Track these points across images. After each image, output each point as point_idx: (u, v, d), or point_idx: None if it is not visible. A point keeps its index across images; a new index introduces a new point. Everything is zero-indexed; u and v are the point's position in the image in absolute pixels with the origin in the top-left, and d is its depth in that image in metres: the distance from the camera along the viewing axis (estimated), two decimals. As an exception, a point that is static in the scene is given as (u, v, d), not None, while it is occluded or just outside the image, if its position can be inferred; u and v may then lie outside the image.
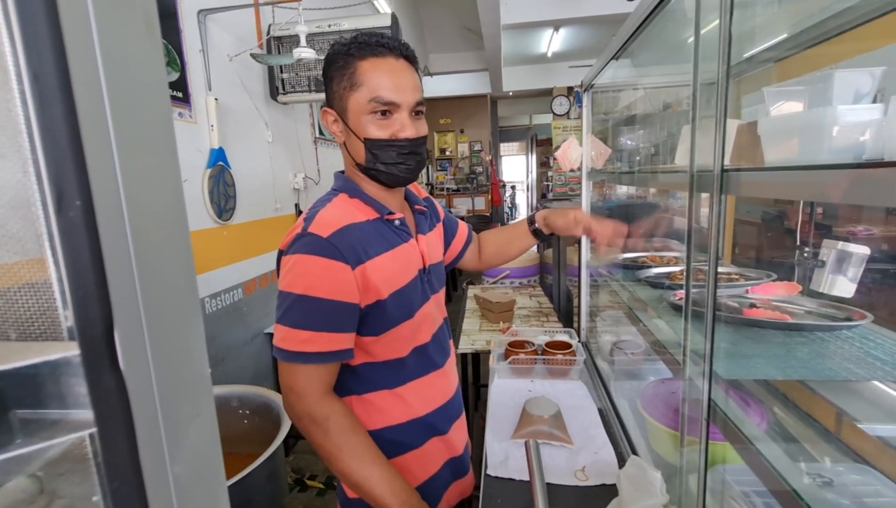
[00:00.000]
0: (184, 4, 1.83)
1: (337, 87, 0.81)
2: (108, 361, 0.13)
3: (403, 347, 0.89)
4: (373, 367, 0.87)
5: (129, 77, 0.14)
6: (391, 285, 0.82)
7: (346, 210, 0.83)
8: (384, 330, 0.84)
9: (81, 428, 0.13)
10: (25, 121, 0.14)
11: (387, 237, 0.85)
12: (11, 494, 0.18)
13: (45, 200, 0.14)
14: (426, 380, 0.93)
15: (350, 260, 0.77)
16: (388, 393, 0.89)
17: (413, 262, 0.89)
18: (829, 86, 0.67)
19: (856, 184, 0.44)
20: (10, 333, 0.13)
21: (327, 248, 0.76)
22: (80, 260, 0.13)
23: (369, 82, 0.77)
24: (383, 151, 0.80)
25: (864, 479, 0.73)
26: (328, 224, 0.78)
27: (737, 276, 1.14)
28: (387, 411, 0.89)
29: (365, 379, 0.88)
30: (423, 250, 0.93)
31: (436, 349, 0.97)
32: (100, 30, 0.13)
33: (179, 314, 0.16)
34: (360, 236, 0.80)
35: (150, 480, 0.14)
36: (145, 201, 0.14)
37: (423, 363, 0.93)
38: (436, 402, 0.95)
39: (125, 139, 0.14)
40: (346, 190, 0.86)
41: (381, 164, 0.81)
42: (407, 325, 0.87)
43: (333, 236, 0.76)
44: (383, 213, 0.86)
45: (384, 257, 0.82)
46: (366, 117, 0.79)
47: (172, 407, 0.15)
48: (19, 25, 0.12)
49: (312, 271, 0.75)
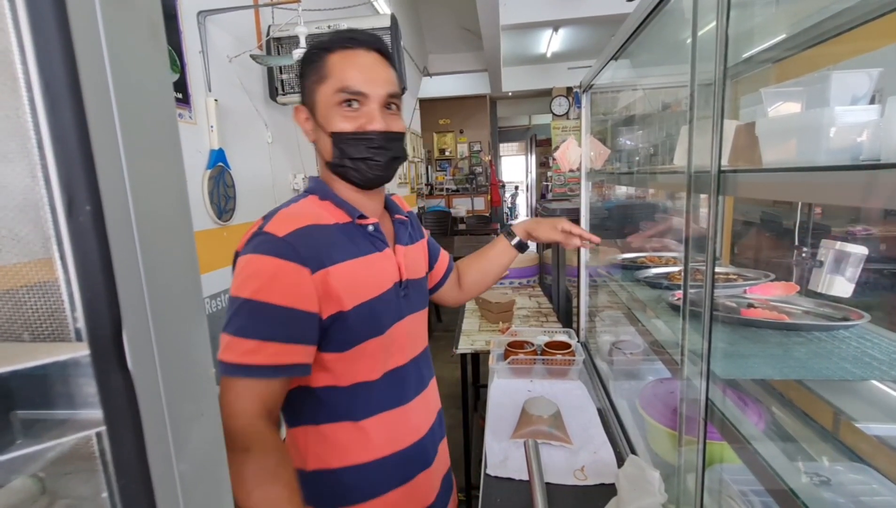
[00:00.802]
0: (183, 6, 1.83)
1: (308, 82, 0.77)
2: (116, 361, 0.14)
3: (373, 368, 0.78)
4: (337, 392, 0.76)
5: (135, 83, 0.15)
6: (356, 295, 0.74)
7: (311, 210, 0.76)
8: (349, 346, 0.74)
9: (90, 427, 0.14)
10: (34, 128, 0.14)
11: (357, 243, 0.77)
12: (14, 494, 0.19)
13: (55, 204, 0.15)
14: (398, 413, 0.81)
15: (309, 263, 0.69)
16: (352, 426, 0.77)
17: (387, 273, 0.80)
18: (827, 87, 0.67)
19: (851, 185, 0.44)
20: (24, 334, 0.14)
21: (282, 247, 0.68)
22: (90, 263, 0.13)
23: (337, 73, 0.74)
24: (351, 146, 0.75)
25: (862, 478, 0.73)
26: (287, 223, 0.71)
27: (735, 276, 1.15)
28: (347, 447, 0.77)
29: (326, 406, 0.76)
30: (400, 261, 0.83)
31: (413, 377, 0.85)
32: (108, 39, 0.13)
33: (184, 316, 0.16)
34: (325, 239, 0.73)
35: (157, 477, 0.14)
36: (152, 205, 0.15)
37: (396, 391, 0.82)
38: (405, 440, 0.82)
39: (132, 145, 0.14)
40: (318, 192, 0.80)
41: (348, 159, 0.75)
42: (376, 342, 0.77)
43: (291, 236, 0.70)
44: (354, 216, 0.78)
45: (351, 264, 0.74)
46: (333, 110, 0.74)
47: (178, 406, 0.15)
48: (31, 37, 0.12)
49: (264, 272, 0.67)
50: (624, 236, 1.82)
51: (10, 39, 0.14)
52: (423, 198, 7.91)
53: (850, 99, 0.66)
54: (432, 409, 0.92)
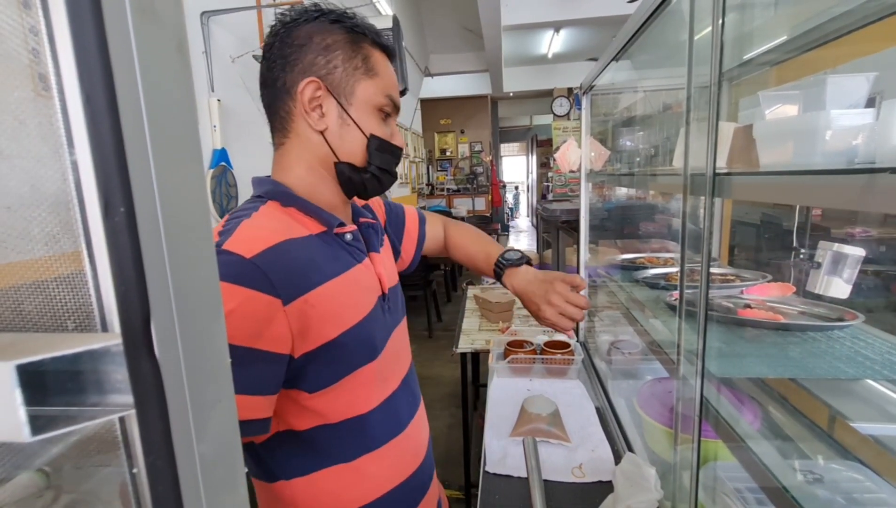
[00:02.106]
0: (187, 7, 1.84)
1: (341, 62, 0.64)
2: (145, 349, 0.15)
3: (368, 398, 0.68)
4: (328, 431, 0.65)
5: (163, 95, 0.16)
6: (343, 320, 0.63)
7: (280, 221, 0.63)
8: (338, 378, 0.64)
9: (120, 409, 0.15)
10: (69, 137, 0.16)
11: (337, 257, 0.66)
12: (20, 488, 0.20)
13: (85, 206, 0.16)
14: (396, 444, 0.72)
15: (282, 292, 0.56)
16: (345, 468, 0.67)
17: (370, 286, 0.70)
18: (823, 90, 0.68)
19: (845, 189, 0.45)
20: (68, 323, 0.15)
21: (249, 273, 0.54)
22: (124, 260, 0.14)
23: (385, 77, 0.67)
24: (384, 154, 0.68)
25: (855, 476, 0.74)
26: (255, 239, 0.57)
27: (732, 277, 1.16)
28: (340, 494, 0.67)
29: (316, 450, 0.66)
30: (379, 271, 0.74)
31: (405, 399, 0.76)
32: (140, 56, 0.15)
33: (204, 308, 0.18)
34: (302, 257, 0.60)
35: (180, 456, 0.16)
36: (176, 207, 0.16)
37: (394, 417, 0.73)
38: (406, 471, 0.74)
39: (160, 152, 0.15)
40: (278, 197, 0.65)
41: (376, 167, 0.67)
42: (370, 368, 0.67)
43: (262, 257, 0.55)
44: (332, 225, 0.66)
45: (334, 284, 0.63)
46: (373, 112, 0.66)
47: (199, 392, 0.17)
48: (74, 54, 0.14)
49: (223, 304, 0.53)
50: (624, 237, 1.83)
51: (47, 59, 0.16)
52: (424, 198, 7.92)
53: (847, 103, 0.66)
54: (425, 426, 0.83)
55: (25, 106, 0.17)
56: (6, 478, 0.19)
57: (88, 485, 0.21)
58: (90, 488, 0.21)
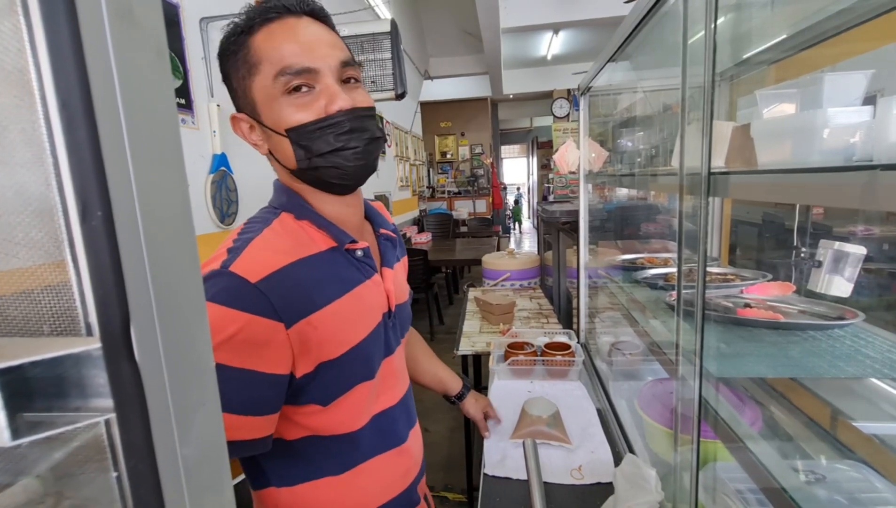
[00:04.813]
0: (186, 13, 1.85)
1: (237, 81, 0.61)
2: (125, 353, 0.15)
3: (360, 414, 0.67)
4: (318, 443, 0.65)
5: (141, 100, 0.16)
6: (344, 341, 0.62)
7: (293, 238, 0.62)
8: (334, 397, 0.63)
9: (101, 414, 0.15)
10: (49, 141, 0.16)
11: (344, 276, 0.64)
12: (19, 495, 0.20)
13: (68, 210, 0.16)
14: (386, 458, 0.71)
15: (284, 316, 0.56)
16: (334, 481, 0.66)
17: (376, 304, 0.68)
18: (820, 89, 0.67)
19: (842, 186, 0.45)
20: (47, 328, 0.15)
21: (253, 298, 0.54)
22: (102, 263, 0.15)
23: (269, 55, 0.57)
24: (317, 138, 0.59)
25: (857, 475, 0.74)
26: (263, 262, 0.57)
27: (732, 276, 1.15)
28: (326, 507, 0.67)
29: (305, 460, 0.65)
30: (388, 288, 0.71)
31: (402, 416, 0.75)
32: (117, 58, 0.15)
33: (187, 312, 0.18)
34: (308, 279, 0.60)
35: (162, 460, 0.16)
36: (156, 211, 0.16)
37: (384, 435, 0.71)
38: (395, 488, 0.73)
39: (139, 156, 0.15)
40: (292, 208, 0.65)
41: (318, 157, 0.59)
42: (365, 387, 0.66)
43: (266, 282, 0.55)
44: (343, 241, 0.65)
45: (338, 305, 0.62)
46: (280, 103, 0.58)
47: (181, 395, 0.17)
48: (49, 58, 0.14)
49: (224, 329, 0.52)
50: (624, 238, 1.83)
51: (27, 60, 0.16)
52: (425, 201, 7.93)
53: (844, 100, 0.66)
54: (420, 446, 0.82)
55: (8, 112, 0.17)
56: (3, 485, 0.19)
57: (88, 491, 0.21)
58: (90, 494, 0.21)
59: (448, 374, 1.16)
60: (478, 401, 1.21)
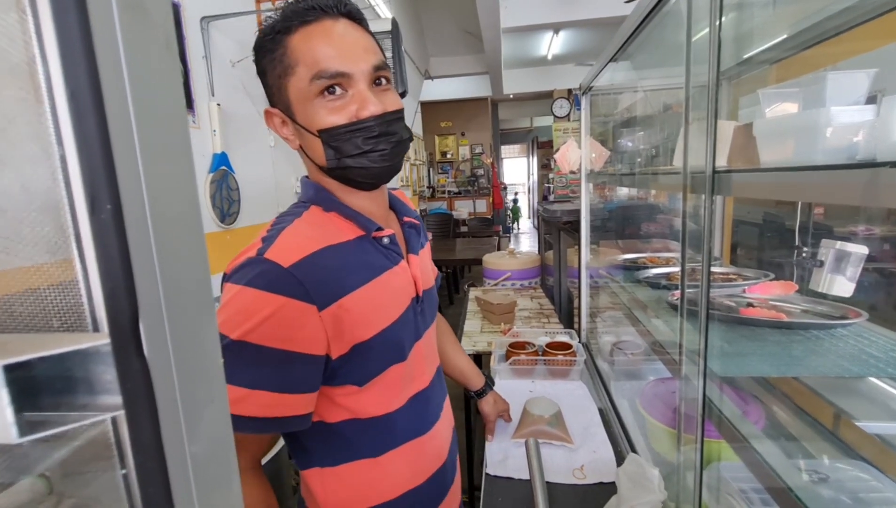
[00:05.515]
0: (187, 12, 1.85)
1: (272, 78, 0.64)
2: (134, 349, 0.15)
3: (397, 396, 0.71)
4: (357, 425, 0.68)
5: (151, 92, 0.16)
6: (375, 323, 0.65)
7: (322, 228, 0.66)
8: (369, 377, 0.67)
9: (109, 410, 0.15)
10: (56, 134, 0.16)
11: (372, 262, 0.67)
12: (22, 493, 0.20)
13: (76, 203, 0.16)
14: (421, 442, 0.74)
15: (317, 298, 0.59)
16: (371, 463, 0.70)
17: (404, 289, 0.71)
18: (823, 87, 0.67)
19: (844, 185, 0.45)
20: (56, 323, 0.15)
21: (286, 282, 0.57)
22: (110, 257, 0.14)
23: (305, 57, 0.60)
24: (347, 141, 0.62)
25: (860, 475, 0.74)
26: (293, 248, 0.60)
27: (735, 276, 1.15)
28: (363, 490, 0.70)
29: (345, 442, 0.69)
30: (415, 274, 0.75)
31: (433, 400, 0.79)
32: (126, 52, 0.15)
33: (195, 308, 0.17)
34: (338, 264, 0.63)
35: (170, 457, 0.16)
36: (166, 203, 0.16)
37: (420, 417, 0.75)
38: (429, 469, 0.76)
39: (148, 149, 0.15)
40: (321, 201, 0.68)
41: (347, 158, 0.63)
42: (398, 369, 0.69)
43: (298, 266, 0.59)
44: (370, 229, 0.68)
45: (367, 289, 0.65)
46: (314, 103, 0.61)
47: (190, 392, 0.16)
48: (58, 49, 0.13)
49: (260, 311, 0.56)
50: (625, 237, 1.82)
51: (34, 52, 0.15)
52: (425, 200, 7.93)
53: (847, 99, 0.66)
54: (450, 427, 0.86)
55: (14, 105, 0.17)
56: (6, 483, 0.19)
57: (91, 490, 0.20)
58: (93, 493, 0.20)
59: (472, 368, 1.15)
60: (496, 403, 1.20)
